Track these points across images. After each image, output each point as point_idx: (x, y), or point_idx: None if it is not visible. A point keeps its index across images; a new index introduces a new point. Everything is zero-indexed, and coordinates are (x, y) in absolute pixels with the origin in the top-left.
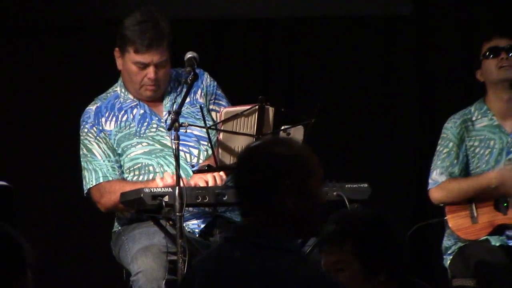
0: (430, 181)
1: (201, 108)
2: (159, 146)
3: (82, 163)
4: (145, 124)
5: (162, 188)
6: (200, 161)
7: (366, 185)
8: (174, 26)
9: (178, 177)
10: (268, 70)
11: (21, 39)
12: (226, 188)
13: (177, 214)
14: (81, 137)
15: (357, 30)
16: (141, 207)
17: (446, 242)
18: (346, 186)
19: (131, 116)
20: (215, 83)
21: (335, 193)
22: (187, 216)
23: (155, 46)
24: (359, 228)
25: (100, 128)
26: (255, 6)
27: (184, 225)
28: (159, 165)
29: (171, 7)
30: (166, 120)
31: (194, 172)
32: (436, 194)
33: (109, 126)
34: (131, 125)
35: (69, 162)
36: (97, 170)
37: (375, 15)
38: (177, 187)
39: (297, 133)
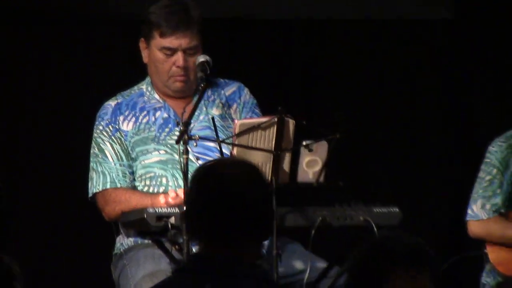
0: (469, 211)
1: (212, 119)
2: (177, 157)
3: (92, 163)
4: (167, 130)
5: (168, 208)
6: None
7: (396, 209)
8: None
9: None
10: (288, 76)
11: (25, 31)
12: None
13: (184, 237)
14: (95, 134)
15: (390, 34)
16: (144, 229)
17: (485, 278)
18: (374, 210)
19: (153, 119)
20: (255, 102)
21: (361, 218)
22: None
23: (183, 28)
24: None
25: (117, 127)
26: (278, 5)
27: (193, 249)
28: (174, 178)
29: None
30: (190, 130)
31: None
32: (475, 229)
33: (127, 126)
34: (151, 129)
35: (69, 164)
36: (105, 174)
37: (411, 19)
38: (185, 207)
39: (320, 149)
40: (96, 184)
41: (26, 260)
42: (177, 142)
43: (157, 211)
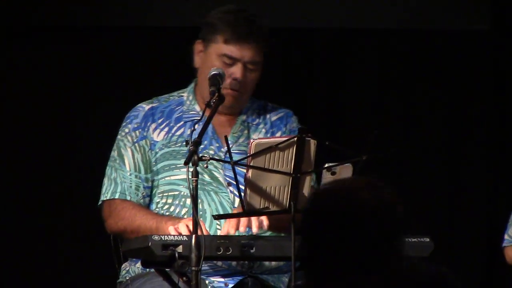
0: (506, 237)
1: (225, 138)
2: (207, 178)
3: (108, 167)
4: (201, 146)
5: (176, 236)
6: None
7: (427, 239)
8: None
9: (196, 223)
10: (311, 91)
11: (32, 39)
12: (254, 238)
13: (193, 268)
14: (119, 136)
15: (425, 45)
16: (148, 258)
17: None
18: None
19: (188, 132)
20: (298, 123)
21: None
22: (210, 272)
23: (251, 40)
24: None
25: (145, 133)
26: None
27: (206, 282)
28: (199, 200)
29: (204, 14)
30: (226, 152)
31: (214, 217)
32: None
33: (157, 136)
34: (183, 143)
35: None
36: (117, 183)
37: (447, 29)
38: (193, 236)
39: (345, 172)
40: (105, 192)
41: None
42: (186, 163)
43: (163, 238)
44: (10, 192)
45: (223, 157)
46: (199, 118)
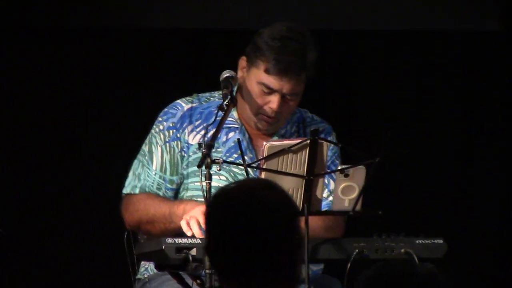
0: None
1: (238, 141)
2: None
3: (136, 160)
4: (235, 155)
5: (189, 239)
6: None
7: (441, 240)
8: (219, 37)
9: None
10: (324, 92)
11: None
12: None
13: (207, 271)
14: (152, 131)
15: (436, 46)
16: (162, 261)
17: None
18: (417, 241)
19: (224, 139)
20: (338, 152)
21: (402, 250)
22: None
23: (292, 74)
24: None
25: (178, 135)
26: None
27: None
28: None
29: (220, 18)
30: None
31: None
32: None
33: (193, 139)
34: (218, 149)
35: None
36: (141, 179)
37: (457, 30)
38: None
39: (358, 174)
40: (127, 185)
41: None
42: (199, 166)
43: (177, 241)
44: (16, 193)
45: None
46: (236, 125)
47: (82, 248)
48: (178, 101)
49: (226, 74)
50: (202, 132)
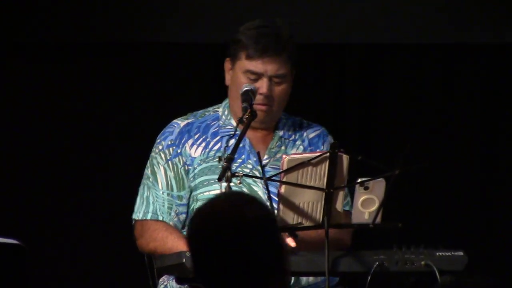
0: None
1: (258, 154)
2: (246, 192)
3: (141, 185)
4: (239, 161)
5: None
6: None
7: (461, 253)
8: None
9: None
10: (343, 105)
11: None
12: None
13: None
14: (152, 153)
15: (457, 59)
16: (182, 275)
17: None
18: (437, 254)
19: (225, 147)
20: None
21: (423, 263)
22: None
23: (271, 53)
24: None
25: (179, 150)
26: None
27: None
28: None
29: (233, 30)
30: (265, 165)
31: None
32: None
33: (195, 152)
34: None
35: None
36: (150, 202)
37: (479, 43)
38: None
39: (377, 187)
40: (137, 211)
41: None
42: (219, 179)
43: None
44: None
45: (261, 171)
46: (236, 133)
47: (99, 264)
48: (174, 120)
49: (245, 88)
50: (203, 145)
